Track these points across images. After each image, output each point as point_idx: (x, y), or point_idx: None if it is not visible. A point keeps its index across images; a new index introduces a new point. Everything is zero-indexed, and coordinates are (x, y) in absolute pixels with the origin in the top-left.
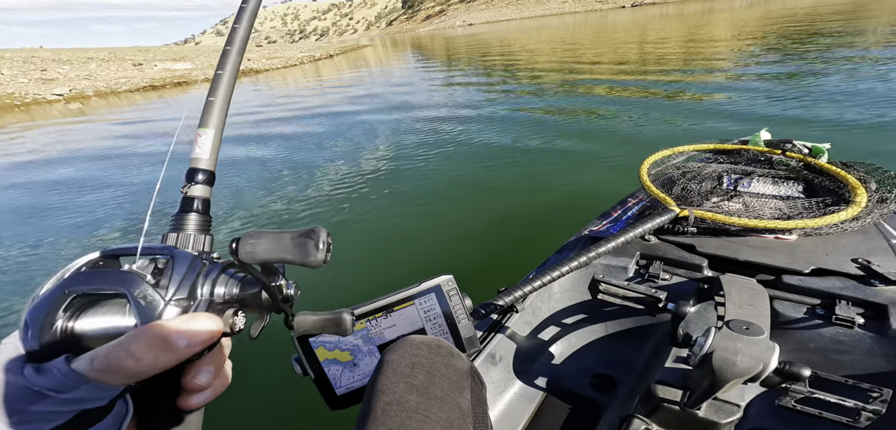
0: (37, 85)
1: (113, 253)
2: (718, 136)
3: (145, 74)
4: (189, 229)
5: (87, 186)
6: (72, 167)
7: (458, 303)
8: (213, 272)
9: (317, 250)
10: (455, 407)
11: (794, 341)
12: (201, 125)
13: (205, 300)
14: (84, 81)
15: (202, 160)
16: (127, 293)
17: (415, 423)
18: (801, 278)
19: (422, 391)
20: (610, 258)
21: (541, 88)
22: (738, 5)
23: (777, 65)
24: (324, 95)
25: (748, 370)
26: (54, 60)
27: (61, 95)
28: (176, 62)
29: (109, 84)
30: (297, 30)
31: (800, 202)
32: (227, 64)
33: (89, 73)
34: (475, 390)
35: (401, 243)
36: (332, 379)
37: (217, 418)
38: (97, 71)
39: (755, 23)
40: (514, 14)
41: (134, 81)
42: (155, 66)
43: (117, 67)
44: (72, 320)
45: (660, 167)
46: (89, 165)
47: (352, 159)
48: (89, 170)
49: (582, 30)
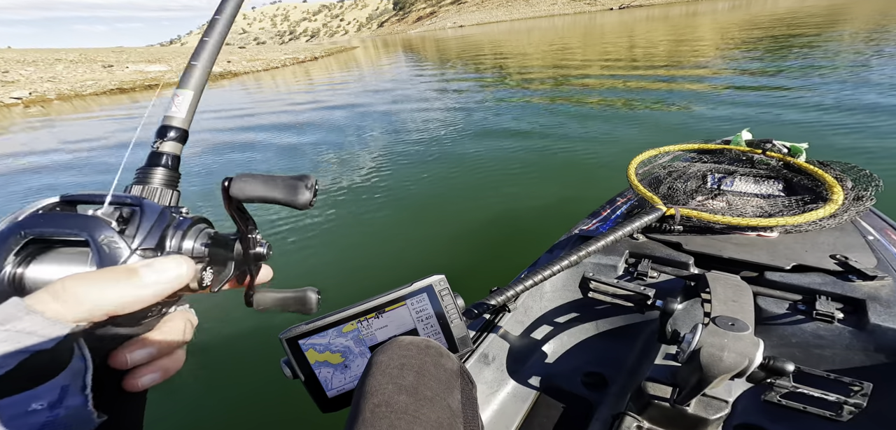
0: None
1: (73, 199)
2: (702, 136)
3: (115, 77)
4: (155, 182)
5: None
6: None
7: (451, 303)
8: (184, 225)
9: (306, 189)
10: (445, 407)
11: (778, 337)
12: (181, 86)
13: (173, 253)
14: (47, 83)
15: (177, 119)
16: (90, 239)
17: (404, 424)
18: (782, 274)
19: (411, 392)
20: (600, 257)
21: (530, 90)
22: (721, 8)
23: (758, 65)
24: (309, 97)
25: (734, 366)
26: (19, 61)
27: (20, 99)
28: (150, 64)
29: (74, 87)
30: (288, 31)
31: (780, 200)
32: (213, 32)
33: (54, 75)
34: (465, 390)
35: (390, 244)
36: (322, 382)
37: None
38: (63, 73)
39: (736, 26)
40: (505, 16)
41: (101, 84)
42: (127, 67)
43: (86, 69)
44: (23, 266)
45: (647, 167)
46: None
47: (338, 163)
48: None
49: (571, 32)
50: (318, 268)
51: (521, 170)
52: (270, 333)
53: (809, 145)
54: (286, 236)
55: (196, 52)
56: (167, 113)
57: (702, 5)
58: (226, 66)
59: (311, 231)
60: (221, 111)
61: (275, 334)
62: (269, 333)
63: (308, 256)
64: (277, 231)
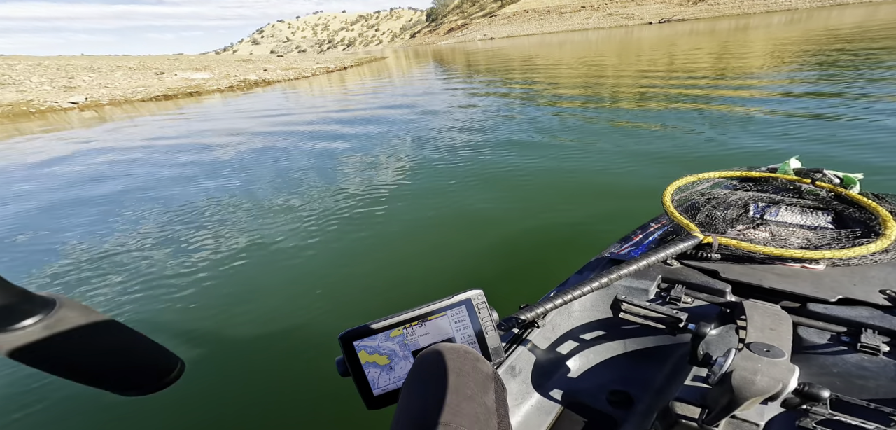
0: (57, 93)
1: None
2: (744, 163)
3: (163, 83)
4: None
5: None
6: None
7: (487, 316)
8: None
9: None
10: (481, 405)
11: (817, 366)
12: None
13: None
14: (103, 89)
15: None
16: None
17: (447, 416)
18: (826, 306)
19: (453, 390)
20: (631, 280)
21: (561, 107)
22: (776, 22)
23: (813, 87)
24: (338, 106)
25: (766, 389)
26: (87, 68)
27: (76, 103)
28: (197, 71)
29: (126, 93)
30: (326, 40)
31: (828, 233)
32: None
33: (112, 81)
34: (498, 392)
35: (423, 254)
36: (370, 381)
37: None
38: (120, 79)
39: (793, 42)
40: (536, 29)
41: (150, 90)
42: (176, 74)
43: (140, 76)
44: None
45: (683, 194)
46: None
47: (368, 176)
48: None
49: (606, 46)
50: (369, 276)
51: (551, 187)
52: (328, 337)
53: (864, 177)
54: (331, 244)
55: None
56: None
57: (754, 19)
58: (262, 74)
59: (351, 239)
60: (261, 113)
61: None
62: (326, 337)
63: (348, 261)
64: (324, 242)
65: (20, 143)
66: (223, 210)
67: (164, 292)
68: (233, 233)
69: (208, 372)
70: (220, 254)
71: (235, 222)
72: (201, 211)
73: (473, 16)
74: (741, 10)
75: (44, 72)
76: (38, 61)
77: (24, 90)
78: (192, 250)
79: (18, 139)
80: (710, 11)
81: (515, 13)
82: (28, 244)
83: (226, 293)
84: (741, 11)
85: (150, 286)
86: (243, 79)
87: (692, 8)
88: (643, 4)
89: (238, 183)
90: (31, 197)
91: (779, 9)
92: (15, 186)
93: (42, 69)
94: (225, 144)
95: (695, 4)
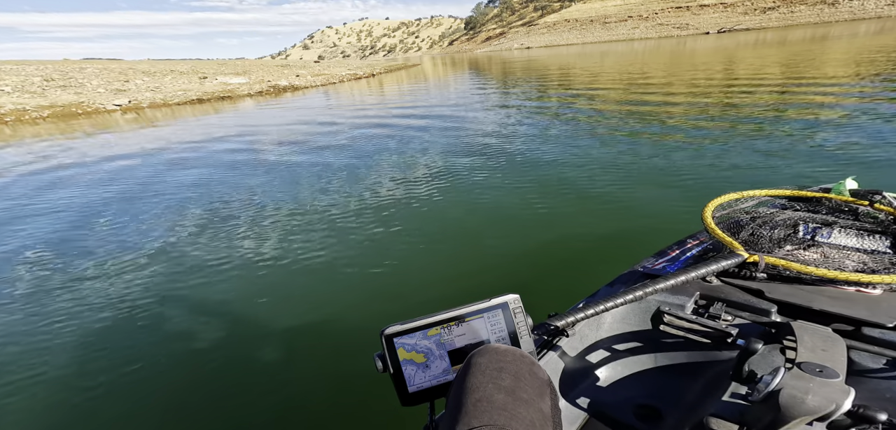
0: (108, 95)
1: None
2: (797, 181)
3: (202, 87)
4: None
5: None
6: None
7: (522, 321)
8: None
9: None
10: (538, 410)
11: (870, 390)
12: None
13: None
14: (148, 92)
15: None
16: None
17: (503, 419)
18: (883, 331)
19: (509, 392)
20: (666, 295)
21: (599, 119)
22: (863, 32)
23: (881, 106)
24: (361, 112)
25: (818, 409)
26: (144, 73)
27: (119, 106)
28: (235, 76)
29: (166, 97)
30: (369, 45)
31: (887, 257)
32: None
33: (158, 85)
34: (553, 399)
35: (457, 254)
36: (407, 377)
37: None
38: (166, 83)
39: (881, 53)
40: (576, 39)
41: (188, 94)
42: (216, 79)
43: (186, 80)
44: None
45: (725, 211)
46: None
47: (402, 182)
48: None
49: (653, 57)
50: (416, 272)
51: (582, 198)
52: (369, 332)
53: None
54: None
55: None
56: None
57: (835, 28)
58: (294, 79)
59: (392, 235)
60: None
61: (373, 333)
62: (368, 333)
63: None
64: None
65: (34, 143)
66: (259, 213)
67: (214, 284)
68: (268, 232)
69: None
70: (252, 255)
71: (274, 224)
72: (243, 212)
73: (512, 24)
74: (820, 18)
75: (107, 75)
76: (103, 65)
77: (81, 92)
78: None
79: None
80: (781, 20)
81: (556, 23)
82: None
83: (262, 289)
84: (820, 20)
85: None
86: (274, 84)
87: (758, 17)
88: (699, 13)
89: (280, 186)
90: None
91: (867, 16)
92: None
93: (106, 73)
94: (257, 147)
95: (762, 13)
